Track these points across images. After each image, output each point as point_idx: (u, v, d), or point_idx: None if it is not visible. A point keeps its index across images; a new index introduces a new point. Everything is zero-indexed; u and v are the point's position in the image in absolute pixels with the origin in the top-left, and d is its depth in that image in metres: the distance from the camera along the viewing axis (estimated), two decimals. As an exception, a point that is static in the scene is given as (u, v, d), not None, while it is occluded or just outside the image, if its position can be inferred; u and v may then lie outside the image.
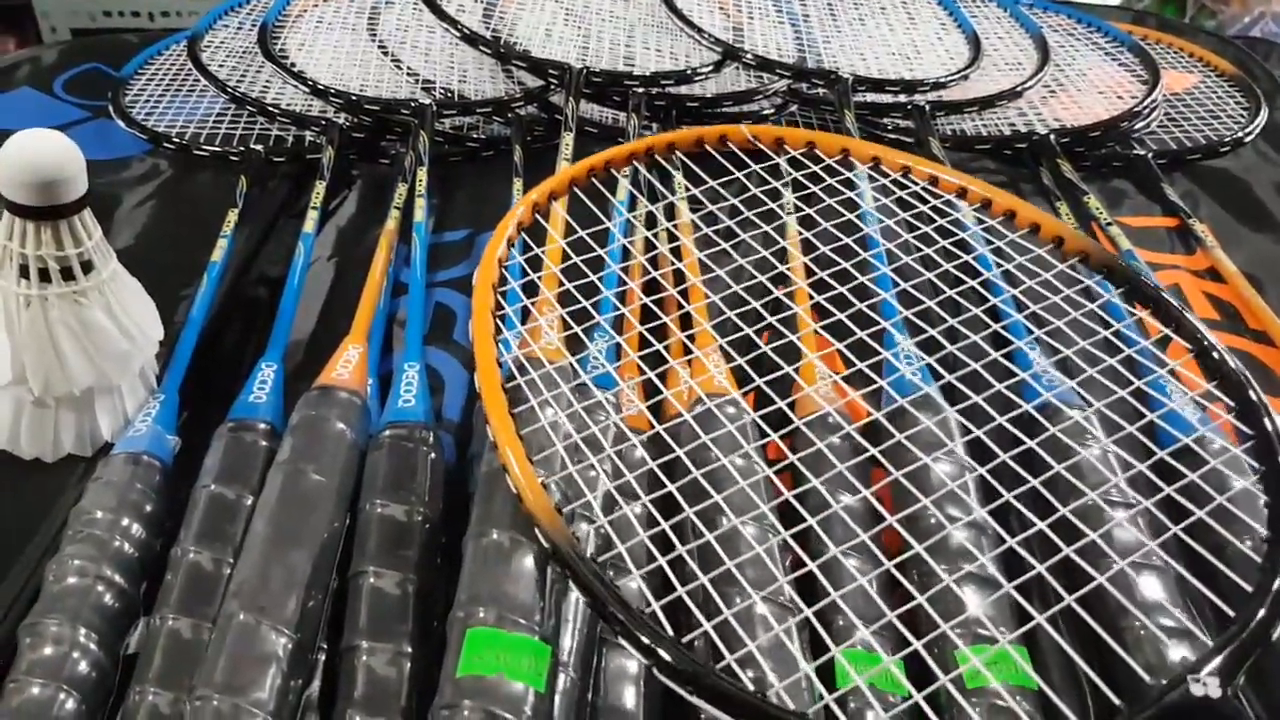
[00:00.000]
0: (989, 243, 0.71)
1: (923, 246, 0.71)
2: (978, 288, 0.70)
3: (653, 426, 0.59)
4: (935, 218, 0.70)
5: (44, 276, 0.52)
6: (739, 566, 0.45)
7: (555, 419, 0.47)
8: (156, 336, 0.59)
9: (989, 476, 0.49)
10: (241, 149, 0.84)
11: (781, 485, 0.49)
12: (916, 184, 0.69)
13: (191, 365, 0.62)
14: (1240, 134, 0.91)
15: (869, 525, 0.51)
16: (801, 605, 0.44)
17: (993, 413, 0.53)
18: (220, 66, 0.92)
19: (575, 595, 0.44)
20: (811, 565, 0.48)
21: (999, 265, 0.68)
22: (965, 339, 0.69)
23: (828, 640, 0.46)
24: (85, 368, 0.54)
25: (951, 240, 0.70)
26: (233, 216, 0.74)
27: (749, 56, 0.87)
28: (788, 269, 0.73)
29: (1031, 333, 0.63)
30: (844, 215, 0.71)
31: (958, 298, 0.73)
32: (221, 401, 0.58)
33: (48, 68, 1.00)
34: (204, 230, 0.74)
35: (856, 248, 0.69)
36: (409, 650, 0.44)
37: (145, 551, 0.50)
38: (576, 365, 0.55)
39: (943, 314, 0.72)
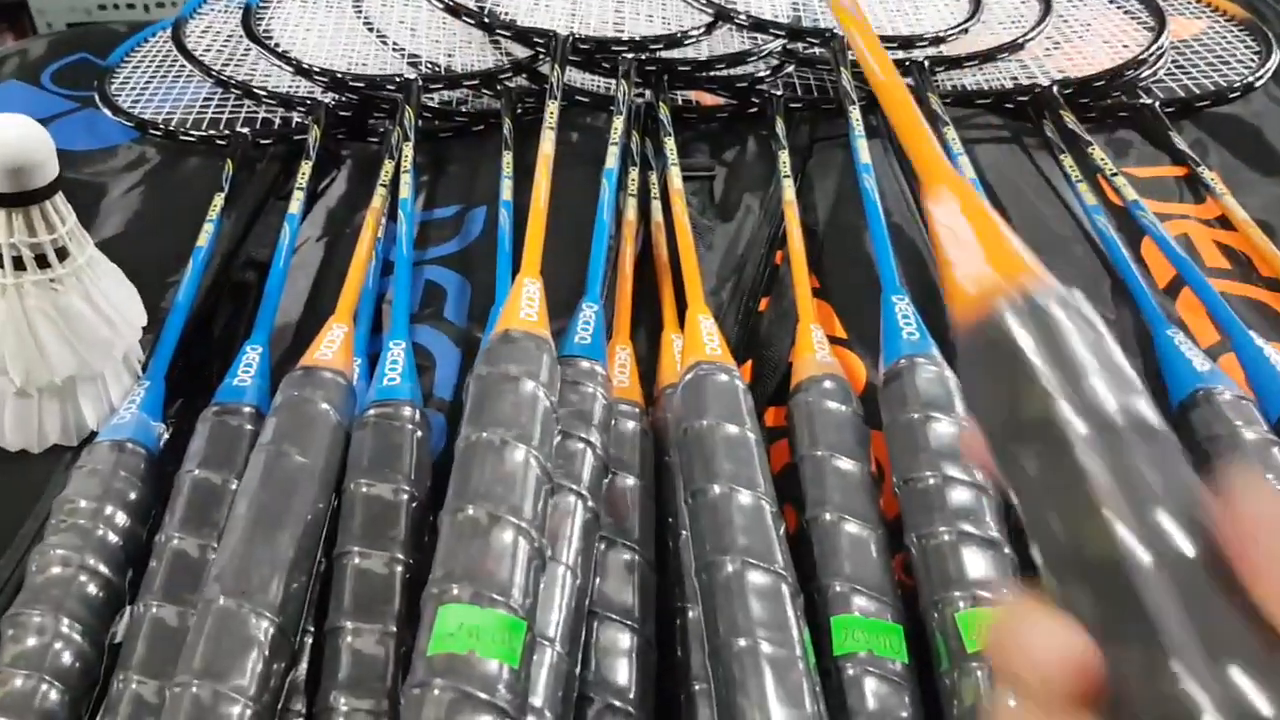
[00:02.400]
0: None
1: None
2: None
3: (647, 401, 0.58)
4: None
5: (18, 264, 0.52)
6: (733, 534, 0.44)
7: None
8: (139, 322, 0.58)
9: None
10: (228, 133, 0.83)
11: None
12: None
13: (179, 351, 0.61)
14: (1250, 79, 0.88)
15: (868, 491, 0.50)
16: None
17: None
18: (205, 51, 0.91)
19: (562, 568, 0.43)
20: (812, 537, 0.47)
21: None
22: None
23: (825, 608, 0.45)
24: (66, 356, 0.54)
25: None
26: (218, 201, 0.73)
27: (741, 17, 0.85)
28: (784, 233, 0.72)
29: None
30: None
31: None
32: (212, 387, 0.57)
33: (35, 60, 0.99)
34: (192, 216, 0.73)
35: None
36: (395, 631, 0.43)
37: (130, 540, 0.49)
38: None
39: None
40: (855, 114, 0.77)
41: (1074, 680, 0.19)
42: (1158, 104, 0.85)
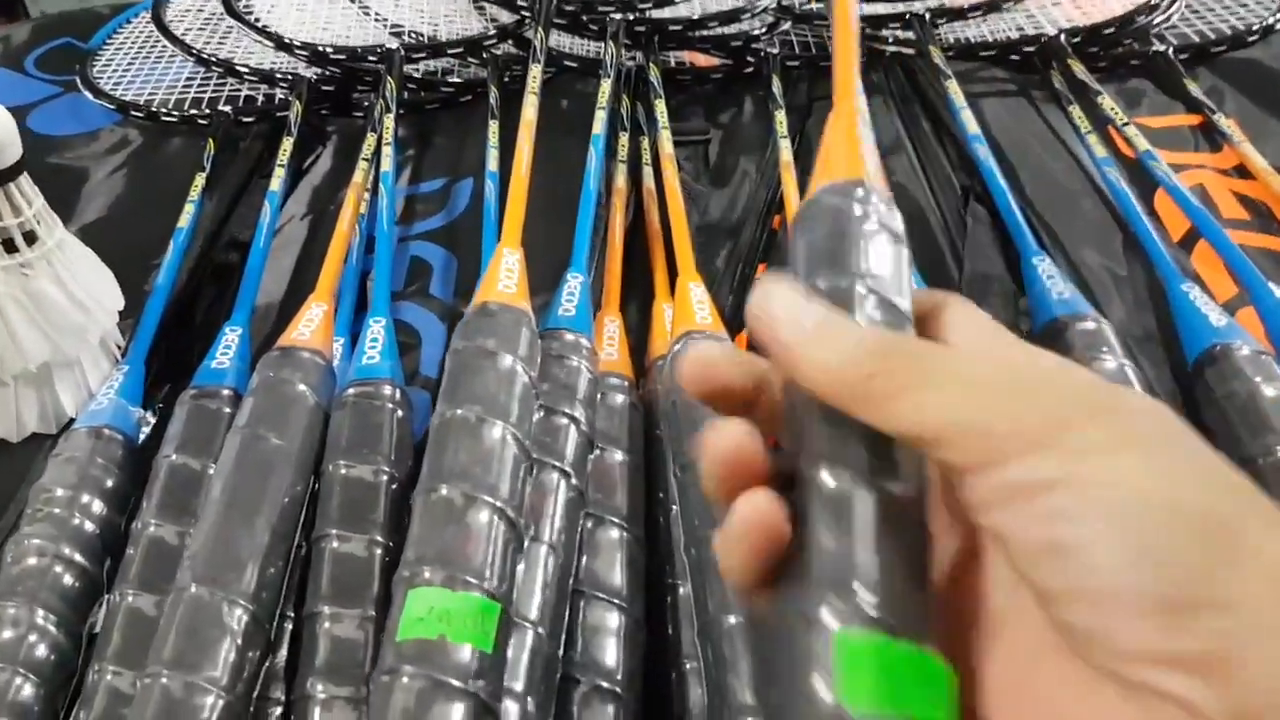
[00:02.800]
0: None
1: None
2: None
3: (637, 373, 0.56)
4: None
5: (-16, 250, 0.50)
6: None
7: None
8: (115, 305, 0.57)
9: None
10: (210, 112, 0.81)
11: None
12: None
13: (160, 335, 0.60)
14: (1270, 20, 0.85)
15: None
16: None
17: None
18: (187, 30, 0.89)
19: (544, 548, 0.41)
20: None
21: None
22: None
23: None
24: (39, 343, 0.52)
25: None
26: (199, 180, 0.72)
27: (732, -27, 0.82)
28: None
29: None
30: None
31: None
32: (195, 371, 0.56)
33: (19, 46, 0.97)
34: (174, 198, 0.71)
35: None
36: (374, 615, 0.41)
37: (108, 528, 0.48)
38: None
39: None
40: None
41: None
42: (1171, 50, 0.82)
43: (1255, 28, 0.84)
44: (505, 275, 0.49)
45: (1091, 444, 0.20)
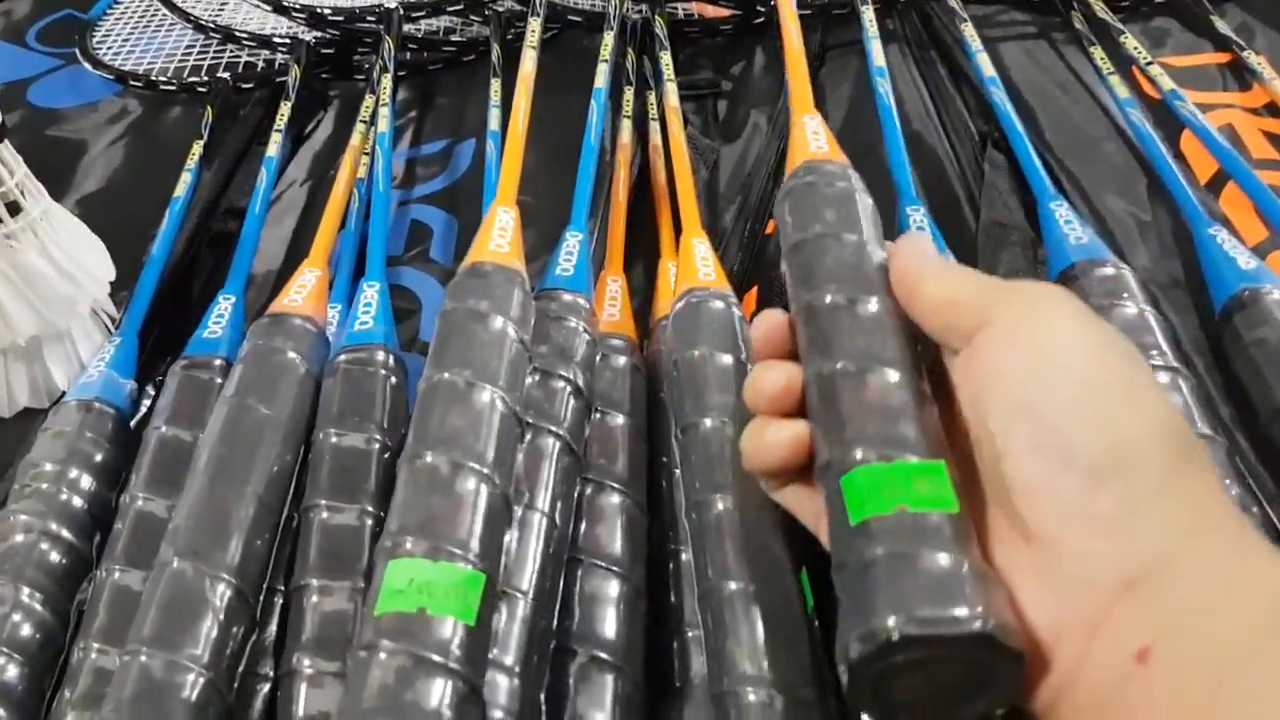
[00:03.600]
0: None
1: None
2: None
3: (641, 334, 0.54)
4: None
5: (-33, 222, 0.49)
6: (725, 472, 0.41)
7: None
8: (105, 277, 0.56)
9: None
10: (209, 79, 0.80)
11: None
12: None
13: (155, 306, 0.59)
14: (1303, -48, 0.80)
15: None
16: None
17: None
18: (185, -3, 0.87)
19: (537, 515, 0.40)
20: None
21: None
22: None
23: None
24: (27, 316, 0.51)
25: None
26: (197, 149, 0.70)
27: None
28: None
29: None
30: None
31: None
32: (192, 343, 0.55)
33: (21, 19, 0.96)
34: (174, 167, 0.70)
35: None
36: (364, 588, 0.40)
37: (97, 503, 0.47)
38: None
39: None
40: (869, 14, 0.71)
41: None
42: (1198, -13, 0.78)
43: (1289, -40, 0.80)
44: (498, 234, 0.47)
45: (1018, 316, 0.29)
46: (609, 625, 0.40)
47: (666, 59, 0.72)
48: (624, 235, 0.61)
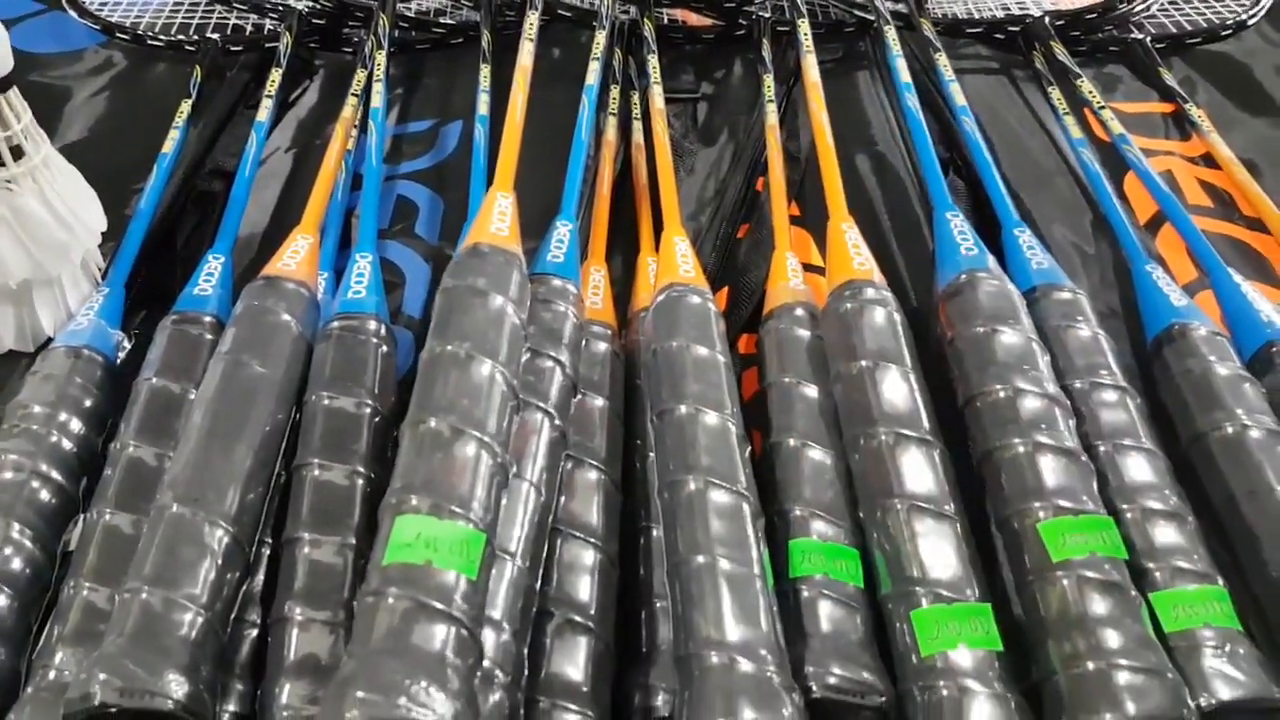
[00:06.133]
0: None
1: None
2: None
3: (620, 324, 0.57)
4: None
5: (-30, 163, 0.50)
6: (697, 454, 0.44)
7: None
8: (98, 227, 0.57)
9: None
10: (197, 39, 0.80)
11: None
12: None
13: (140, 259, 0.59)
14: (1244, 16, 0.86)
15: (830, 418, 0.49)
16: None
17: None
18: (174, -48, 0.87)
19: (526, 485, 0.42)
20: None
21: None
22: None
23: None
24: (20, 259, 0.52)
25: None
26: (185, 107, 0.71)
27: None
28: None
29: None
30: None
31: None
32: (175, 298, 0.56)
33: (-1, -41, 0.95)
34: (159, 123, 0.71)
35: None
36: (354, 543, 0.42)
37: (85, 447, 0.48)
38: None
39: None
40: (891, 34, 0.74)
41: None
42: (1148, 39, 0.84)
43: (1229, 23, 0.86)
44: (498, 218, 0.50)
45: None
46: (584, 590, 0.43)
47: (654, 62, 0.74)
48: (607, 228, 0.64)
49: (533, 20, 0.66)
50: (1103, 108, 0.73)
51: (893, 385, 0.47)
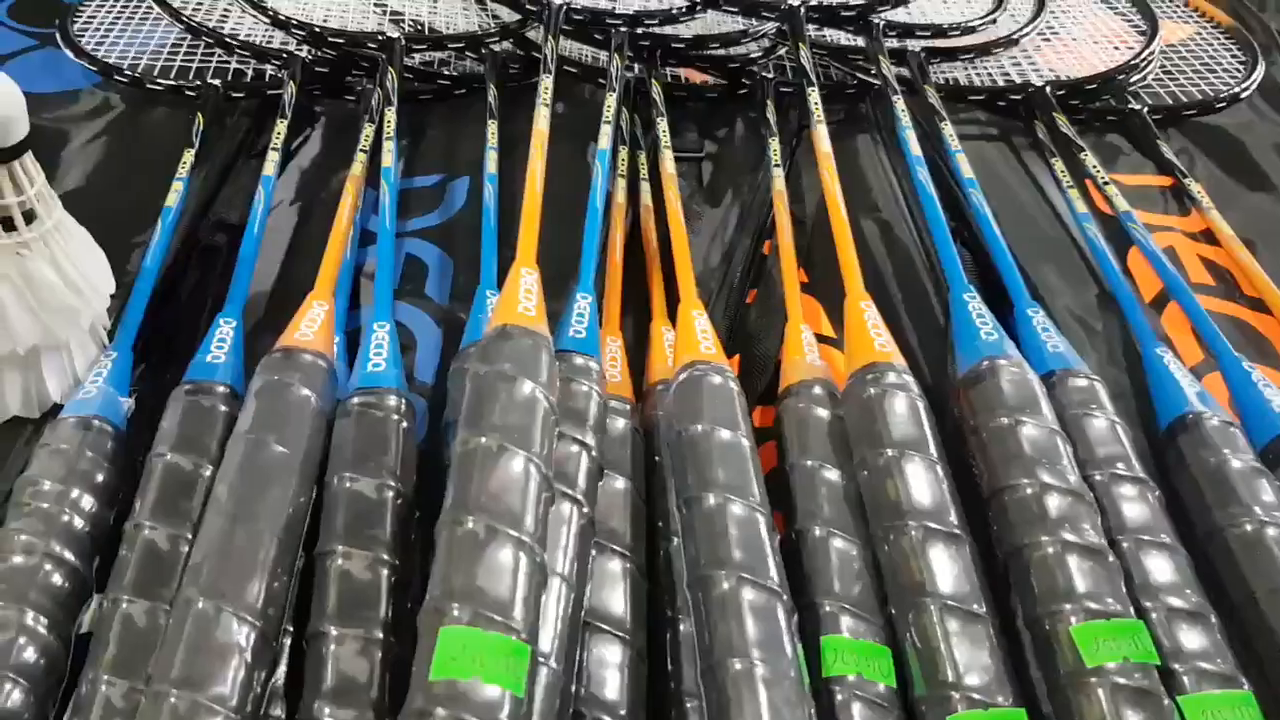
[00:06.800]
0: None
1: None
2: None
3: (636, 396, 0.56)
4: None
5: (-18, 227, 0.49)
6: (728, 548, 0.43)
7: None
8: (107, 290, 0.55)
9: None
10: (198, 84, 0.79)
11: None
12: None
13: (146, 319, 0.58)
14: (1237, 89, 0.88)
15: (855, 504, 0.49)
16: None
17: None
18: (174, -8, 0.86)
19: (557, 580, 0.42)
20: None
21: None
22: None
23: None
24: (29, 324, 0.51)
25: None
26: (188, 157, 0.70)
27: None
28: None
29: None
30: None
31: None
32: (180, 358, 0.55)
33: (-11, -10, 0.93)
34: (158, 171, 0.69)
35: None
36: (380, 638, 0.41)
37: (97, 525, 0.47)
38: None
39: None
40: (900, 104, 0.75)
41: None
42: (1145, 110, 0.85)
43: (1223, 95, 0.88)
44: (525, 297, 0.49)
45: None
46: (614, 689, 0.42)
47: (664, 125, 0.74)
48: (620, 295, 0.63)
49: (547, 84, 0.66)
50: (1107, 183, 0.74)
51: (919, 476, 0.47)
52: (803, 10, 0.78)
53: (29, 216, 0.50)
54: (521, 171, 0.60)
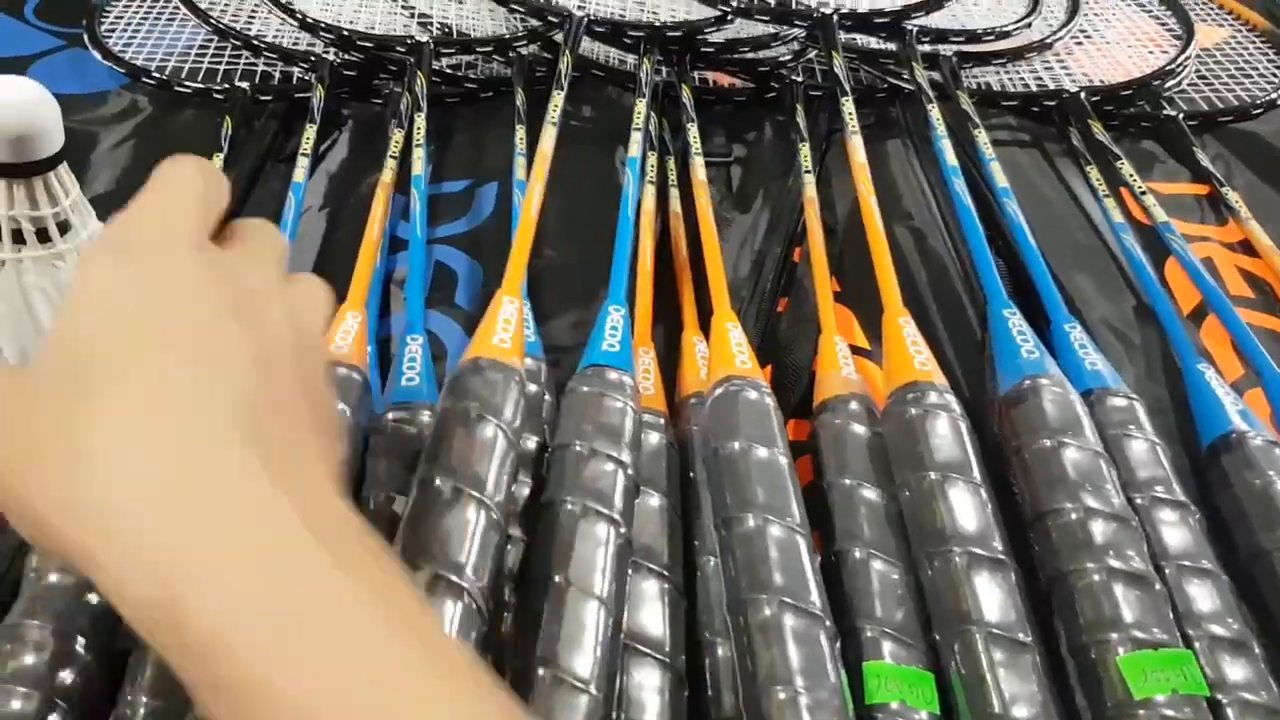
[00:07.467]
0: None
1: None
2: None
3: (669, 409, 0.56)
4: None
5: (17, 238, 0.48)
6: (769, 572, 0.43)
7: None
8: (139, 301, 0.55)
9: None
10: (226, 86, 0.79)
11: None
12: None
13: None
14: (1274, 95, 0.87)
15: (895, 524, 0.48)
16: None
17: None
18: (202, -7, 0.86)
19: (595, 606, 0.41)
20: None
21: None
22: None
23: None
24: (63, 337, 0.50)
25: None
26: (217, 161, 0.70)
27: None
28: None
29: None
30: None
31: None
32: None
33: (17, -10, 0.93)
34: (186, 175, 0.69)
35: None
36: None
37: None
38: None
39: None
40: (935, 113, 0.74)
41: None
42: (1181, 116, 0.84)
43: (1260, 101, 0.87)
44: (501, 327, 0.47)
45: None
46: (654, 714, 0.41)
47: (694, 132, 0.73)
48: (651, 305, 0.63)
49: (557, 102, 0.65)
50: (1144, 193, 0.73)
51: (963, 500, 0.46)
52: (835, 19, 0.77)
53: (64, 228, 0.50)
54: (552, 177, 0.60)
